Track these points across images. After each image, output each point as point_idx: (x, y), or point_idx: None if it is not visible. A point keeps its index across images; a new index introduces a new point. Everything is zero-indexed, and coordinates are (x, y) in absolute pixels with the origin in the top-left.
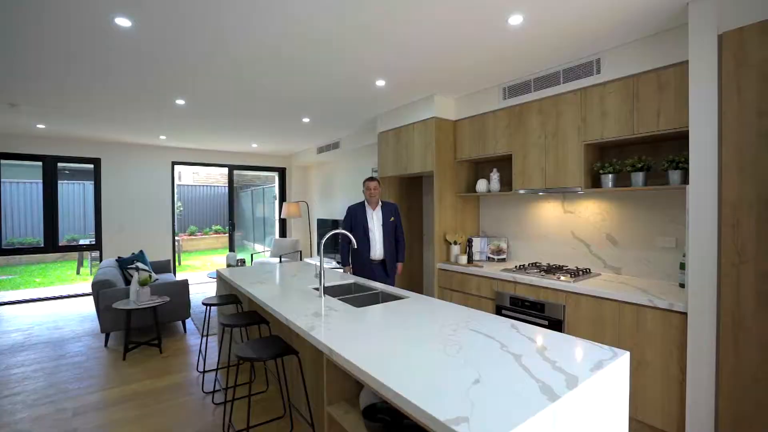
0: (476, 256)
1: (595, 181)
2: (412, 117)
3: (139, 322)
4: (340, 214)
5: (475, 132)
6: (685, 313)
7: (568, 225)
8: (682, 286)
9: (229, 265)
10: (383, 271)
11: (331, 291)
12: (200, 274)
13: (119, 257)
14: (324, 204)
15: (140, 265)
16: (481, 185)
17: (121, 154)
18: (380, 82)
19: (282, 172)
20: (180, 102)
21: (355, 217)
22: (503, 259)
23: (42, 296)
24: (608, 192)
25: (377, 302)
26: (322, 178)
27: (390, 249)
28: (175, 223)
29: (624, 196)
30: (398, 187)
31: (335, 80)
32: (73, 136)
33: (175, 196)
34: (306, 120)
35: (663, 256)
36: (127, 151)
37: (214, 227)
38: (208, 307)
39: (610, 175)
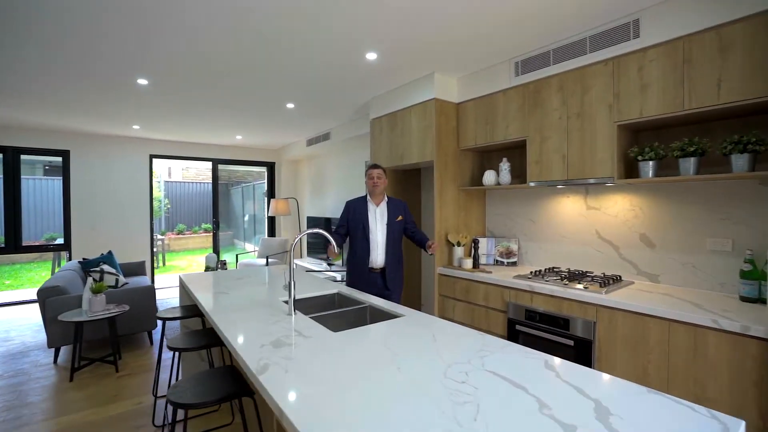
0: (482, 260)
1: (629, 171)
2: (409, 99)
3: (95, 335)
4: (331, 212)
5: (481, 115)
6: (767, 340)
7: (592, 223)
8: (745, 300)
9: (208, 268)
10: (383, 283)
11: (308, 305)
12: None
13: (84, 258)
14: (315, 201)
15: (106, 267)
16: (489, 177)
17: (93, 146)
18: (371, 56)
19: (271, 167)
20: (142, 81)
21: (354, 214)
22: (514, 263)
23: (5, 301)
24: (644, 184)
25: (364, 322)
26: (313, 173)
27: (394, 257)
28: (163, 222)
29: (663, 188)
30: (393, 181)
31: (319, 54)
32: (37, 126)
33: (163, 193)
34: (290, 106)
35: (714, 261)
36: (99, 143)
37: (203, 225)
38: (164, 323)
39: (650, 163)
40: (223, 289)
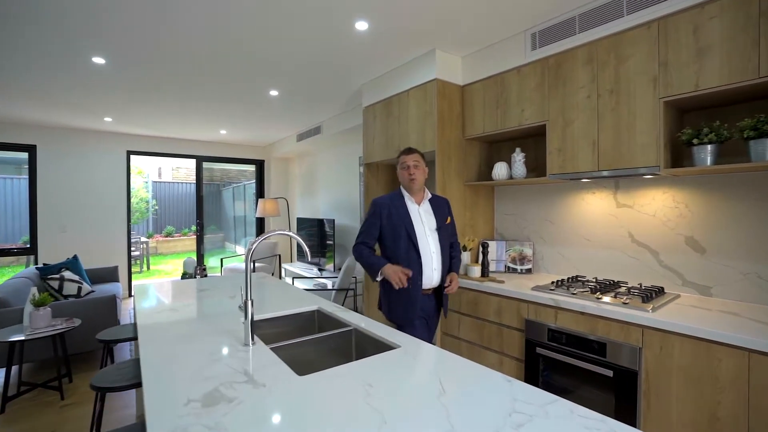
0: (491, 266)
1: (675, 159)
2: (407, 82)
3: (42, 354)
4: (323, 213)
5: (491, 98)
6: None
7: (623, 224)
8: None
9: (185, 274)
10: (435, 308)
11: (277, 327)
12: (169, 281)
13: (44, 264)
14: (306, 201)
15: (67, 274)
16: (500, 170)
17: (62, 141)
18: (362, 25)
19: (260, 166)
20: (99, 60)
21: (390, 217)
22: (528, 270)
23: None
24: (692, 176)
25: (346, 352)
26: (304, 171)
27: (446, 270)
28: (150, 224)
29: (717, 181)
30: (389, 177)
31: (301, 23)
32: None
33: (150, 193)
34: (274, 93)
35: None
36: (69, 137)
37: (193, 228)
38: (106, 348)
39: (709, 147)
40: (178, 304)
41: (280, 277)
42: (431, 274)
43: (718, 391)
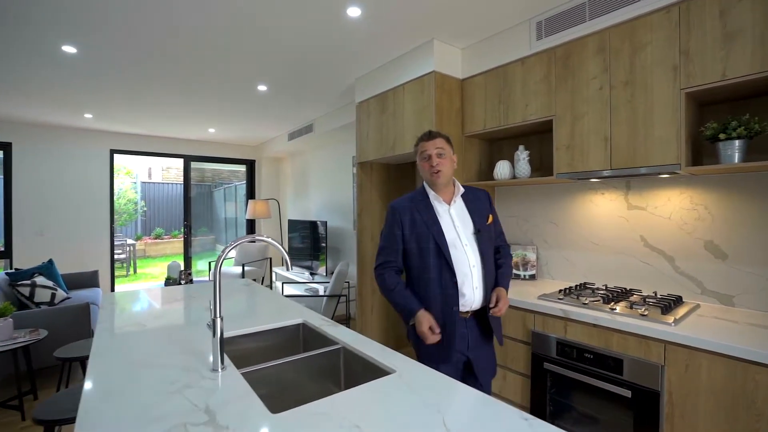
0: None
1: (695, 157)
2: (403, 75)
3: (2, 370)
4: (315, 215)
5: (493, 92)
6: None
7: (635, 227)
8: None
9: (169, 279)
10: (481, 336)
11: (255, 345)
12: (149, 288)
13: (16, 269)
14: (298, 202)
15: (40, 280)
16: (503, 169)
17: (40, 138)
18: (354, 11)
19: (251, 165)
20: (69, 50)
21: (412, 226)
22: (533, 276)
23: None
24: (714, 175)
25: (333, 379)
26: (296, 171)
27: (492, 285)
28: (139, 225)
29: (740, 181)
30: (383, 177)
31: (286, 5)
32: None
33: (139, 194)
34: (262, 88)
35: None
36: (48, 134)
37: (183, 230)
38: (64, 366)
39: (736, 143)
40: (148, 317)
41: (271, 281)
42: (471, 294)
43: (756, 418)
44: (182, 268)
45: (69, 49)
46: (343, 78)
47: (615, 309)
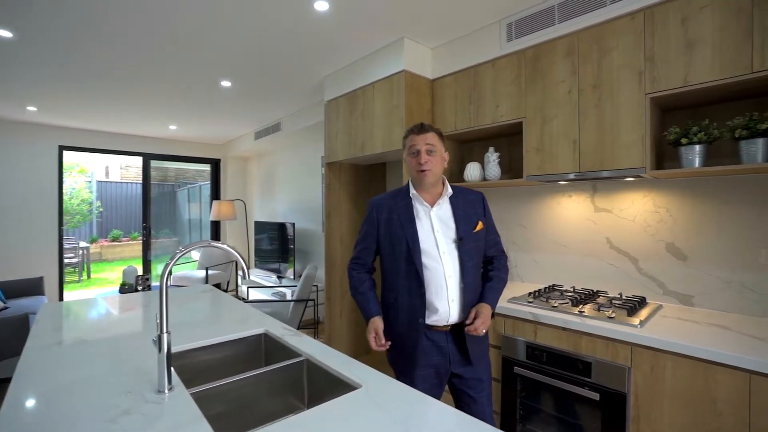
0: None
1: (658, 160)
2: (372, 74)
3: None
4: (283, 216)
5: (463, 93)
6: None
7: (601, 229)
8: None
9: (124, 285)
10: (457, 351)
11: (212, 359)
12: (110, 292)
13: None
14: (265, 203)
15: None
16: (473, 171)
17: None
18: (321, 5)
19: (216, 165)
20: (4, 33)
21: (387, 224)
22: None
23: None
24: (676, 179)
25: (296, 394)
26: (263, 171)
27: (476, 298)
28: (94, 227)
29: (701, 184)
30: (353, 178)
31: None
32: None
33: (95, 194)
34: (226, 84)
35: None
36: None
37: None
38: None
39: (697, 148)
40: (89, 330)
41: (236, 285)
42: (446, 307)
43: (716, 416)
44: (140, 273)
45: (3, 32)
46: (312, 75)
47: (583, 311)
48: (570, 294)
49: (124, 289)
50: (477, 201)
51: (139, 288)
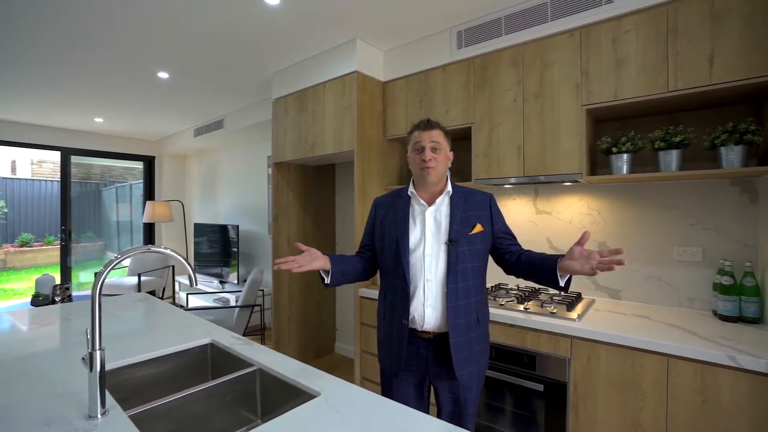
0: None
1: (592, 167)
2: (324, 73)
3: None
4: (225, 218)
5: (414, 97)
6: None
7: (542, 231)
8: (720, 317)
9: (37, 297)
10: (437, 360)
11: (152, 374)
12: (22, 304)
13: None
14: (206, 205)
15: None
16: None
17: None
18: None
19: (149, 162)
20: None
21: (383, 222)
22: None
23: None
24: (605, 184)
25: (249, 407)
26: (203, 171)
27: (467, 309)
28: None
29: (626, 189)
30: (301, 179)
31: None
32: None
33: None
34: (163, 75)
35: (682, 273)
36: None
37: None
38: None
39: (625, 156)
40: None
41: (173, 292)
42: (422, 310)
43: (641, 398)
44: (57, 281)
45: None
46: (260, 72)
47: (528, 308)
48: (515, 292)
49: (39, 300)
50: (483, 202)
51: (57, 299)
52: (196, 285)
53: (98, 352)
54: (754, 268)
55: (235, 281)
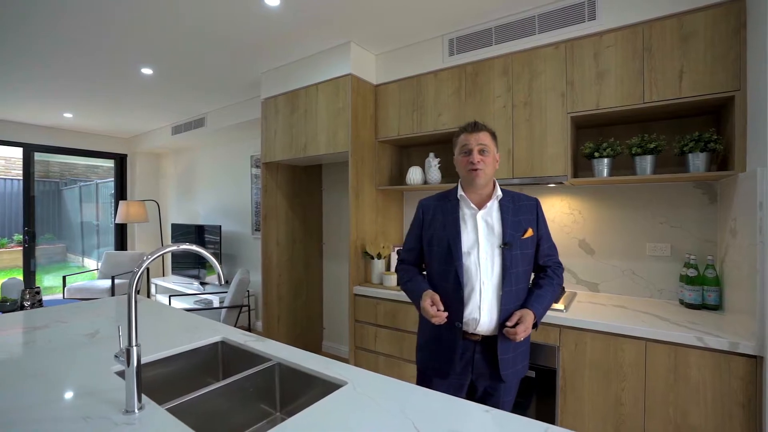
0: None
1: (575, 170)
2: (317, 74)
3: None
4: (205, 219)
5: (407, 101)
6: (758, 357)
7: None
8: (690, 306)
9: (5, 303)
10: (486, 365)
11: (167, 373)
12: None
13: None
14: (183, 205)
15: None
16: (415, 174)
17: None
18: (273, 0)
19: (121, 160)
20: None
21: (432, 224)
22: None
23: None
24: (586, 186)
25: (269, 401)
26: (180, 170)
27: (517, 308)
28: None
29: (604, 191)
30: (290, 179)
31: None
32: None
33: None
34: (147, 71)
35: (653, 267)
36: None
37: (17, 237)
38: None
39: (605, 161)
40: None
41: (148, 294)
42: (476, 314)
43: (622, 379)
44: (25, 286)
45: None
46: (248, 71)
47: None
48: None
49: (6, 306)
50: (531, 207)
51: (27, 305)
52: (223, 283)
53: (135, 348)
54: (714, 261)
55: (216, 282)
